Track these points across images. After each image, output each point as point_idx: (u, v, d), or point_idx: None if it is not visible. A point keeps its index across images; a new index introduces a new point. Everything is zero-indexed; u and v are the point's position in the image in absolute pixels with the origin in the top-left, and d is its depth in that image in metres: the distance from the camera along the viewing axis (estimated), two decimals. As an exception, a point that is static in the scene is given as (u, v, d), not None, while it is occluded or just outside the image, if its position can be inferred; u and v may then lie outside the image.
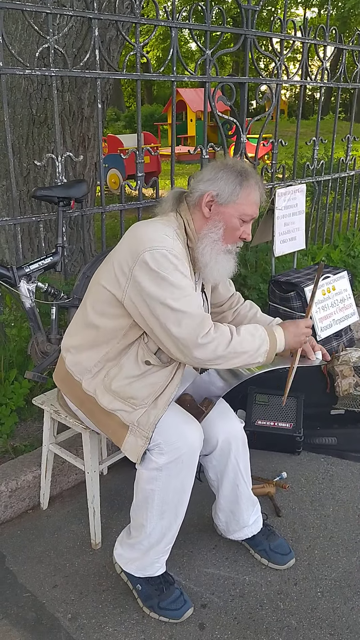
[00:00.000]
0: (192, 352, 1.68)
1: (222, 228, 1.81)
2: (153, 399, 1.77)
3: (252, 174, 1.83)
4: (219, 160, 1.88)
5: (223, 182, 1.79)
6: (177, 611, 1.85)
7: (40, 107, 3.68)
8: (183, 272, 1.71)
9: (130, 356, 1.80)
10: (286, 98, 34.43)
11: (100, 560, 2.10)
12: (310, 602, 1.93)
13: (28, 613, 1.89)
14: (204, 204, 1.80)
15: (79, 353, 1.88)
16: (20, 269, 2.61)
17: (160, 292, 1.67)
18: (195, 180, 1.87)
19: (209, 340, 1.68)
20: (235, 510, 2.03)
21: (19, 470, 2.35)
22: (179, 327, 1.67)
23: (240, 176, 1.80)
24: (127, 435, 1.78)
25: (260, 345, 1.77)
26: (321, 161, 4.47)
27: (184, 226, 1.83)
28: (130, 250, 1.73)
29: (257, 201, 1.84)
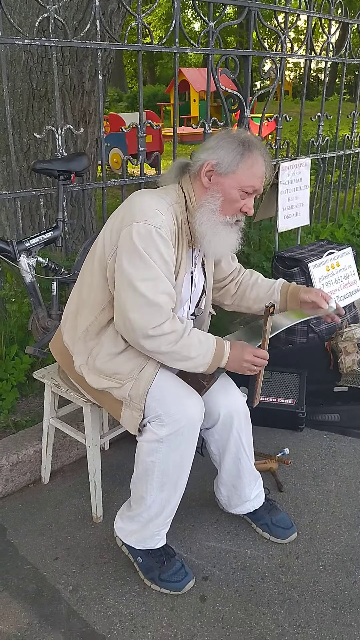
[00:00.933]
0: (138, 340, 1.68)
1: (220, 199, 1.74)
2: (138, 372, 1.76)
3: (257, 145, 1.75)
4: (224, 130, 1.81)
5: (223, 151, 1.72)
6: (178, 583, 1.84)
7: (41, 81, 3.61)
8: (163, 253, 1.67)
9: (110, 333, 1.79)
10: (290, 79, 34.09)
11: (102, 534, 2.09)
12: (312, 576, 1.92)
13: (29, 585, 1.88)
14: (204, 173, 1.75)
15: (71, 326, 1.90)
16: (20, 244, 2.58)
17: (132, 270, 1.65)
18: (198, 151, 1.82)
19: (157, 334, 1.67)
20: (237, 485, 2.02)
21: (20, 444, 2.34)
22: (135, 311, 1.65)
23: (243, 146, 1.72)
24: (123, 409, 1.78)
25: (205, 355, 1.74)
26: (326, 138, 4.41)
27: (185, 199, 1.78)
28: (122, 219, 1.71)
29: (260, 174, 1.75)
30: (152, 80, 29.44)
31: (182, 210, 1.77)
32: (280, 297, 2.07)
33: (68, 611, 1.79)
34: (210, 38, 3.31)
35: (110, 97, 19.39)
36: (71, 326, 1.91)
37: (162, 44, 3.18)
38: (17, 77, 3.61)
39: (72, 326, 1.90)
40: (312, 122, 4.49)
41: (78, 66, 3.63)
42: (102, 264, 1.76)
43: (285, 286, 2.08)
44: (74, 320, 1.89)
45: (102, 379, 1.80)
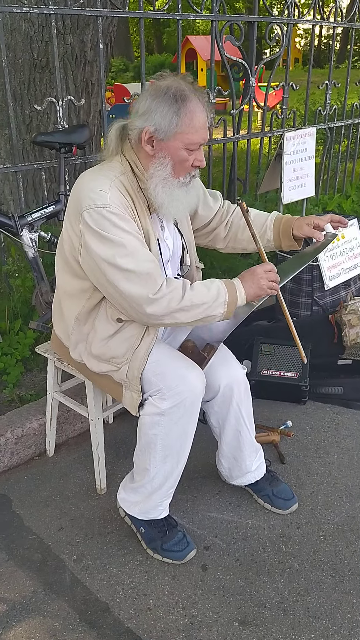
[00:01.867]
0: (144, 309, 1.64)
1: (170, 164, 1.66)
2: (132, 353, 1.76)
3: (190, 94, 1.61)
4: (154, 85, 1.65)
5: (159, 115, 1.60)
6: (180, 552, 1.87)
7: (42, 51, 3.56)
8: (123, 227, 1.62)
9: (101, 317, 1.78)
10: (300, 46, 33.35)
11: (105, 505, 2.12)
12: (313, 545, 1.95)
13: (34, 555, 1.92)
14: (144, 142, 1.64)
15: (59, 320, 1.91)
16: (22, 218, 2.57)
17: (106, 251, 1.62)
18: (133, 113, 1.67)
19: (161, 295, 1.63)
20: (237, 457, 2.04)
21: (25, 418, 2.37)
22: (129, 285, 1.62)
23: (177, 103, 1.59)
24: (123, 391, 1.80)
25: (217, 296, 1.69)
26: (334, 107, 4.32)
27: (131, 168, 1.71)
28: (74, 210, 1.68)
29: (201, 124, 1.64)
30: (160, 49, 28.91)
31: (130, 180, 1.70)
32: (273, 235, 1.99)
33: (72, 579, 1.83)
34: (215, 4, 3.23)
35: (116, 67, 19.09)
36: (59, 319, 1.92)
37: (165, 10, 3.11)
38: (17, 47, 3.56)
39: (59, 318, 1.91)
40: (320, 90, 4.40)
41: (79, 35, 3.57)
42: (73, 256, 1.73)
43: (276, 223, 1.98)
44: (60, 312, 1.90)
45: (101, 363, 1.81)
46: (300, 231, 1.92)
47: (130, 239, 1.63)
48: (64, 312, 1.87)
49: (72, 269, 1.77)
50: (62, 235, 1.78)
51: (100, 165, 1.76)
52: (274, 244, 2.00)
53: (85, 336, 1.83)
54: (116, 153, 1.73)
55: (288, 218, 1.98)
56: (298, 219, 1.95)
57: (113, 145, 1.73)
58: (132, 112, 1.68)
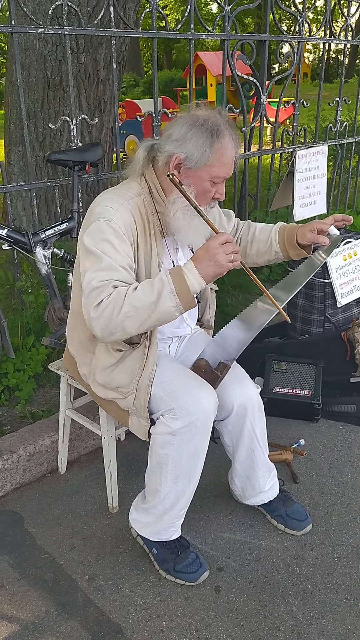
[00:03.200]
0: (94, 329, 1.60)
1: (193, 193, 1.67)
2: (136, 383, 1.77)
3: (225, 130, 1.65)
4: (190, 114, 1.68)
5: (192, 145, 1.63)
6: (193, 574, 1.86)
7: (55, 70, 3.61)
8: (114, 243, 1.62)
9: (102, 347, 1.80)
10: (309, 61, 33.53)
11: (118, 524, 2.11)
12: (327, 567, 1.93)
13: (46, 574, 1.91)
14: (172, 167, 1.66)
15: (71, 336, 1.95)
16: (36, 235, 2.59)
17: (83, 264, 1.64)
18: (165, 136, 1.69)
19: (101, 310, 1.56)
20: (251, 476, 2.02)
21: (37, 435, 2.37)
22: (83, 303, 1.62)
23: (212, 136, 1.63)
24: (130, 417, 1.82)
25: (161, 289, 1.56)
26: (344, 123, 4.34)
27: (150, 190, 1.73)
28: (85, 225, 1.72)
29: (230, 161, 1.68)
30: (169, 65, 29.18)
31: (146, 202, 1.72)
32: (280, 247, 1.97)
33: (84, 600, 1.82)
34: (226, 22, 3.27)
35: (126, 83, 19.27)
36: (72, 333, 1.95)
37: (177, 29, 3.14)
38: (31, 66, 3.61)
39: (72, 333, 1.95)
40: (330, 107, 4.42)
41: (93, 54, 3.61)
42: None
43: (281, 234, 1.96)
44: (72, 330, 1.94)
45: (107, 391, 1.84)
46: (304, 239, 1.90)
47: (114, 256, 1.62)
48: (72, 331, 1.91)
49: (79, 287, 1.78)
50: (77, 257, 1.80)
51: (120, 185, 1.80)
52: (283, 255, 1.98)
53: (89, 361, 1.87)
54: (139, 174, 1.76)
55: (291, 227, 1.97)
56: (301, 227, 1.93)
57: (140, 165, 1.75)
58: (164, 135, 1.70)
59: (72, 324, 1.92)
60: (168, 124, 1.75)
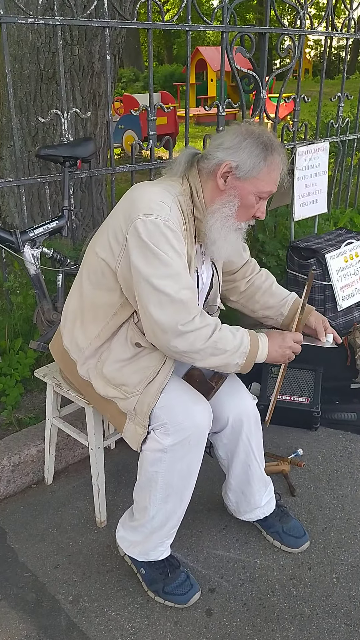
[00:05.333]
0: (169, 340, 1.54)
1: (237, 204, 1.63)
2: (144, 386, 1.65)
3: (279, 148, 1.64)
4: (244, 126, 1.66)
5: (246, 154, 1.60)
6: (184, 596, 1.75)
7: (49, 62, 3.49)
8: (176, 246, 1.55)
9: (120, 337, 1.68)
10: (310, 57, 33.38)
11: (105, 540, 2.01)
12: (325, 589, 1.82)
13: (28, 594, 1.81)
14: (220, 175, 1.62)
15: (74, 329, 1.78)
16: (24, 234, 2.48)
17: (146, 267, 1.53)
18: (214, 145, 1.67)
19: (190, 330, 1.54)
20: (246, 491, 1.92)
21: (23, 444, 2.26)
22: (160, 309, 1.53)
23: (266, 150, 1.60)
24: (127, 422, 1.69)
25: (240, 345, 1.61)
26: (346, 119, 4.22)
27: (191, 193, 1.66)
28: (124, 216, 1.59)
29: (277, 178, 1.66)
30: (170, 60, 28.99)
31: (187, 204, 1.65)
32: (289, 313, 1.98)
33: (68, 623, 1.72)
34: (225, 14, 3.14)
35: (126, 78, 19.12)
36: (72, 329, 1.78)
37: (175, 21, 3.02)
38: (24, 58, 3.49)
39: (73, 330, 1.78)
40: (331, 102, 4.30)
41: (87, 46, 3.50)
42: (109, 267, 1.64)
43: (296, 303, 1.98)
44: (77, 324, 1.76)
45: (109, 387, 1.70)
46: (313, 320, 1.94)
47: (178, 261, 1.56)
48: (85, 324, 1.74)
49: (103, 279, 1.67)
50: (98, 241, 1.69)
51: (159, 180, 1.72)
52: (283, 321, 1.99)
53: (100, 354, 1.72)
54: (181, 176, 1.69)
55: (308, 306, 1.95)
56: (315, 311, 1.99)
57: (179, 169, 1.69)
58: (212, 144, 1.68)
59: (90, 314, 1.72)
60: (218, 134, 1.76)
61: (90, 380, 1.75)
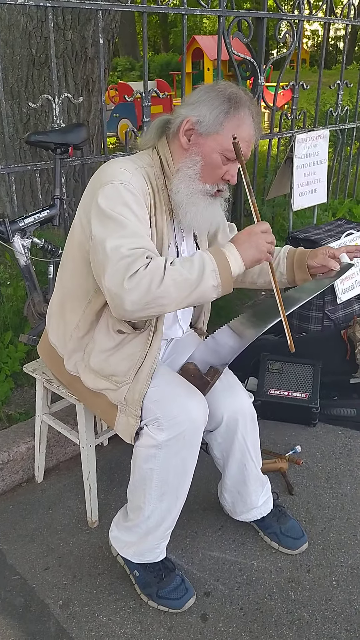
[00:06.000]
0: (123, 301, 1.37)
1: (200, 163, 1.52)
2: (134, 373, 1.58)
3: (245, 102, 1.51)
4: (213, 83, 1.56)
5: (206, 107, 1.49)
6: (178, 600, 1.69)
7: (41, 47, 3.39)
8: (135, 210, 1.45)
9: (102, 327, 1.61)
10: (307, 47, 33.11)
11: (97, 541, 1.94)
12: (325, 593, 1.76)
13: (16, 598, 1.74)
14: (182, 132, 1.52)
15: (58, 324, 1.71)
16: (14, 223, 2.39)
17: (101, 232, 1.43)
18: (180, 105, 1.58)
19: (137, 281, 1.35)
20: (242, 491, 1.85)
21: (12, 441, 2.19)
22: (109, 272, 1.39)
23: (229, 102, 1.48)
24: (118, 415, 1.61)
25: (204, 266, 1.41)
26: (345, 108, 4.13)
27: (161, 163, 1.57)
28: (92, 190, 1.52)
29: (246, 137, 1.52)
30: (166, 49, 28.71)
31: (157, 175, 1.56)
32: (287, 268, 1.82)
33: (57, 629, 1.65)
34: (222, -1, 3.05)
35: (122, 66, 18.94)
36: (57, 323, 1.72)
37: (171, 4, 2.93)
38: (15, 43, 3.39)
39: (58, 323, 1.72)
40: (330, 90, 4.21)
41: (80, 31, 3.40)
42: (83, 248, 1.56)
43: (290, 255, 1.83)
44: (61, 316, 1.71)
45: (98, 379, 1.63)
46: (315, 259, 1.75)
47: (137, 223, 1.44)
48: (65, 315, 1.68)
49: (78, 265, 1.60)
50: (73, 226, 1.61)
51: (130, 156, 1.63)
52: (287, 278, 1.83)
53: (84, 346, 1.66)
54: (150, 145, 1.60)
55: (301, 250, 1.83)
56: (312, 250, 1.80)
57: (151, 135, 1.61)
58: (182, 103, 1.59)
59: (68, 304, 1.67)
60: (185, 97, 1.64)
61: (79, 375, 1.68)
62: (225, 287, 1.45)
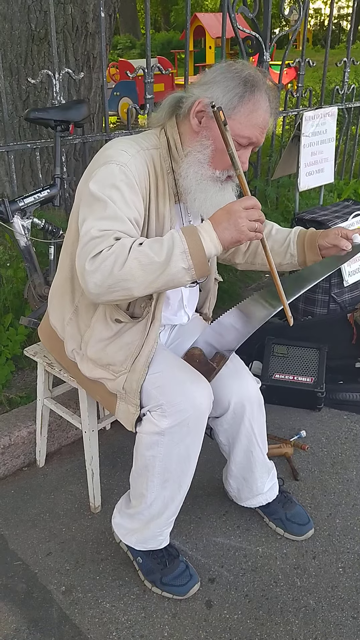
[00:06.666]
0: (87, 284, 1.31)
1: (210, 147, 1.44)
2: (131, 363, 1.54)
3: (262, 86, 1.42)
4: (229, 62, 1.46)
5: (220, 89, 1.40)
6: (182, 587, 1.66)
7: (40, 22, 3.30)
8: (124, 190, 1.38)
9: (99, 316, 1.56)
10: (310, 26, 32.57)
11: (100, 526, 1.91)
12: (331, 579, 1.74)
13: (18, 584, 1.72)
14: (193, 113, 1.44)
15: (58, 306, 1.66)
16: (13, 203, 2.33)
17: (85, 210, 1.38)
18: (194, 83, 1.49)
19: (99, 262, 1.28)
20: (248, 478, 1.82)
21: (13, 425, 2.15)
22: (77, 254, 1.34)
23: (244, 85, 1.39)
24: (118, 403, 1.58)
25: (172, 247, 1.31)
26: (352, 86, 4.04)
27: (169, 145, 1.49)
28: (88, 173, 1.47)
29: (261, 123, 1.43)
30: (167, 27, 28.25)
31: (163, 157, 1.49)
32: (297, 249, 1.74)
33: (60, 616, 1.63)
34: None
35: (122, 45, 18.67)
36: (58, 304, 1.68)
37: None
38: (14, 18, 3.30)
39: (59, 304, 1.68)
40: (335, 69, 4.12)
41: (81, 5, 3.31)
42: None
43: (301, 236, 1.75)
44: (61, 297, 1.66)
45: (96, 369, 1.60)
46: (327, 239, 1.67)
47: (121, 206, 1.36)
48: (65, 297, 1.64)
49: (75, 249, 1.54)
50: (74, 207, 1.56)
51: (136, 135, 1.55)
52: (298, 259, 1.75)
53: (83, 332, 1.62)
54: (160, 124, 1.52)
55: (312, 231, 1.75)
56: (323, 231, 1.72)
57: (162, 113, 1.52)
58: (195, 82, 1.48)
59: (68, 287, 1.63)
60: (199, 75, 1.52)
61: (77, 363, 1.65)
62: (200, 269, 1.34)
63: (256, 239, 1.39)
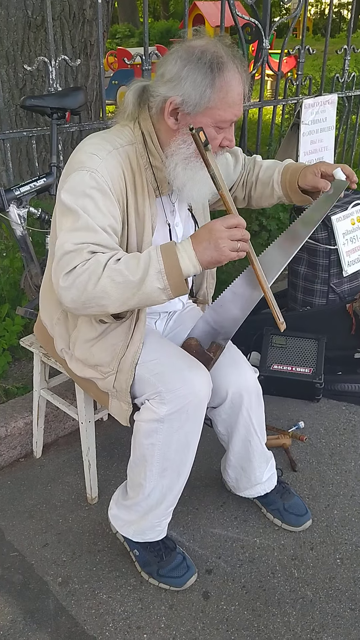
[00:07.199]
0: (62, 299, 1.34)
1: (193, 143, 1.39)
2: (117, 363, 1.53)
3: (228, 62, 1.36)
4: (184, 46, 1.38)
5: (189, 84, 1.34)
6: (179, 579, 1.66)
7: (37, 8, 3.26)
8: (96, 198, 1.36)
9: (84, 317, 1.54)
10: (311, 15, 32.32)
11: (96, 517, 1.90)
12: (329, 570, 1.73)
13: (14, 575, 1.71)
14: (167, 114, 1.40)
15: (47, 302, 1.66)
16: (9, 192, 2.30)
17: (58, 220, 1.39)
18: (157, 76, 1.42)
19: (73, 278, 1.30)
20: (246, 467, 1.81)
21: (9, 415, 2.14)
22: (53, 268, 1.36)
23: (212, 71, 1.34)
24: (111, 400, 1.58)
25: (148, 267, 1.30)
26: (352, 74, 4.00)
27: (144, 139, 1.46)
28: (65, 175, 1.44)
29: (237, 100, 1.39)
30: (166, 16, 28.03)
31: (139, 153, 1.46)
32: (282, 191, 1.71)
33: (56, 607, 1.62)
34: None
35: (121, 33, 18.51)
36: (47, 303, 1.68)
37: None
38: (10, 4, 3.26)
39: (48, 303, 1.68)
40: (335, 57, 4.08)
41: (78, -10, 3.26)
42: None
43: (284, 175, 1.69)
44: (50, 296, 1.65)
45: (85, 368, 1.60)
46: (305, 181, 1.62)
47: (94, 214, 1.35)
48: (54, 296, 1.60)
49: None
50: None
51: (109, 129, 1.52)
52: (287, 200, 1.72)
53: (70, 332, 1.61)
54: (132, 119, 1.48)
55: (296, 168, 1.68)
56: (305, 168, 1.65)
57: (130, 110, 1.47)
58: (156, 74, 1.42)
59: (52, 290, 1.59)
60: (160, 60, 1.45)
61: (66, 362, 1.66)
62: (176, 289, 1.33)
63: (238, 258, 1.36)
